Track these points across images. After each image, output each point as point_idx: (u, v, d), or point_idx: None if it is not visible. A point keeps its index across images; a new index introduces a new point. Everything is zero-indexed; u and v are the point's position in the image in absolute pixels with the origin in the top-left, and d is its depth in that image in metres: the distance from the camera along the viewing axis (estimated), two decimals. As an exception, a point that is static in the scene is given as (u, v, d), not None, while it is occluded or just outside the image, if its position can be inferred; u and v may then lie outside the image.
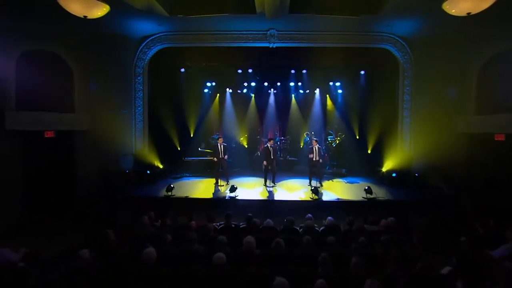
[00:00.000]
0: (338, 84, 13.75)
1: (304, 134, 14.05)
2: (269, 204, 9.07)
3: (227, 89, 14.69)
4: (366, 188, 9.13)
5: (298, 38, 10.71)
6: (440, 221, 6.56)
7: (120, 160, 10.77)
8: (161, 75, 11.91)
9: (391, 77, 11.41)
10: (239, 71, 12.94)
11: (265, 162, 10.12)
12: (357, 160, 12.20)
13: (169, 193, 9.47)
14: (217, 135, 14.16)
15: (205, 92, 14.40)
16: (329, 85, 13.86)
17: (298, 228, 6.44)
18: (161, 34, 10.85)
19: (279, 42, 10.77)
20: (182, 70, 12.63)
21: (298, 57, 11.58)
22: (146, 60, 11.20)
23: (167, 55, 11.45)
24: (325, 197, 9.33)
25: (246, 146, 14.67)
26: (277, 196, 9.58)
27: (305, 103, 14.66)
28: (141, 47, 11.00)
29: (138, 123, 11.31)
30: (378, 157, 11.63)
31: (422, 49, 10.63)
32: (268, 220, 6.56)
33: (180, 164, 12.44)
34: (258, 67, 12.62)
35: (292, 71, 13.13)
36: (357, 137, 12.96)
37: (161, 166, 11.79)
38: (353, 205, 8.86)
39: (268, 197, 9.50)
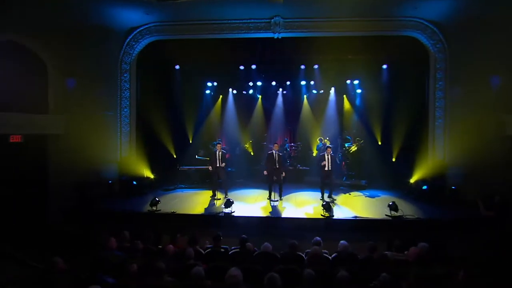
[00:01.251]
0: (356, 82, 12.93)
1: (317, 139, 13.04)
2: (271, 222, 8.12)
3: (230, 90, 14.14)
4: (390, 203, 8.01)
5: (307, 26, 9.78)
6: (493, 248, 5.36)
7: (102, 169, 10.06)
8: (153, 72, 11.29)
9: (420, 71, 10.48)
10: (241, 67, 12.10)
11: (265, 172, 9.33)
12: (379, 170, 11.29)
13: (154, 208, 8.61)
14: (219, 141, 13.62)
15: (206, 93, 13.96)
16: (346, 83, 13.05)
17: (303, 255, 5.41)
18: (150, 24, 10.17)
19: (285, 32, 9.88)
20: (177, 67, 11.98)
21: (308, 49, 10.62)
22: (134, 55, 10.56)
23: (159, 50, 10.82)
24: (339, 214, 8.29)
25: (252, 154, 13.92)
26: (282, 213, 8.63)
27: (319, 104, 13.92)
28: (127, 40, 10.35)
29: (125, 127, 10.69)
30: (404, 166, 10.75)
31: (459, 35, 9.50)
32: (266, 243, 5.55)
33: (174, 174, 11.75)
34: (262, 62, 11.66)
35: (302, 67, 12.16)
36: (380, 143, 12.13)
37: (151, 176, 11.25)
38: (374, 225, 7.78)
39: (271, 213, 8.54)
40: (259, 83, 13.70)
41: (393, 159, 11.43)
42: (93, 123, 10.01)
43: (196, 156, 12.41)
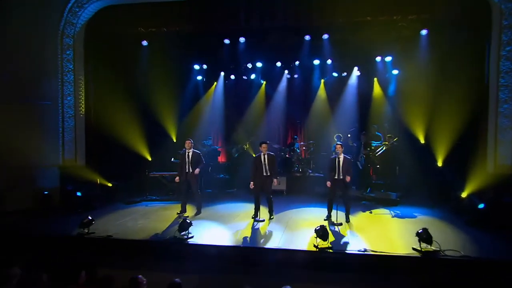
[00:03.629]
0: (388, 59, 11.57)
1: (334, 137, 11.50)
2: (242, 255, 6.57)
3: (222, 74, 13.48)
4: (420, 231, 6.02)
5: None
6: None
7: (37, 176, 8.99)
8: (109, 50, 10.18)
9: (476, 34, 8.83)
10: (226, 41, 10.75)
11: (251, 184, 8.19)
12: (418, 179, 10.09)
13: (85, 230, 7.31)
14: (210, 139, 12.96)
15: (193, 79, 13.24)
16: (375, 61, 11.81)
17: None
18: (97, -18, 8.96)
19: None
20: (144, 43, 10.95)
21: (313, 8, 8.86)
22: (79, 25, 9.46)
23: (116, 20, 9.71)
24: (344, 245, 6.53)
25: (254, 156, 12.76)
26: (262, 239, 7.09)
27: (338, 90, 12.90)
28: (69, 5, 9.17)
29: (68, 120, 9.62)
30: (455, 174, 9.26)
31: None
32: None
33: (144, 182, 10.97)
34: (251, 33, 10.36)
35: (306, 38, 10.50)
36: (423, 142, 10.77)
37: (109, 185, 10.41)
38: (392, 263, 5.89)
39: (243, 241, 6.92)
40: (259, 64, 12.51)
41: (439, 163, 9.94)
42: (25, 116, 9.00)
43: (172, 160, 11.31)
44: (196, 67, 12.80)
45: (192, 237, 6.96)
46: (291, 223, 7.94)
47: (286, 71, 12.83)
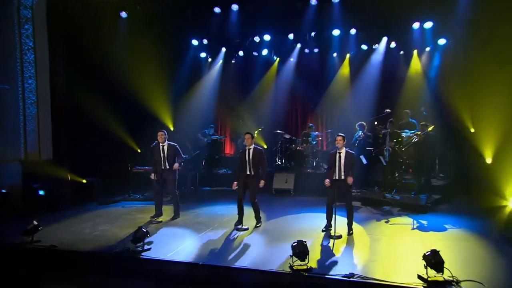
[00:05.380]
0: (428, 25, 10.89)
1: (356, 125, 10.92)
2: (196, 274, 6.08)
3: (223, 50, 13.33)
4: (428, 253, 5.06)
5: None
6: None
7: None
8: (81, 24, 9.84)
9: None
10: (216, 9, 10.37)
11: (235, 184, 7.88)
12: (460, 179, 9.87)
13: (29, 239, 7.05)
14: (212, 127, 12.95)
15: (199, 58, 13.41)
16: (412, 29, 11.18)
17: None
18: None
19: None
20: (123, 14, 10.72)
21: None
22: None
23: None
24: (329, 267, 5.77)
25: (265, 147, 13.06)
26: (230, 256, 6.44)
27: (362, 68, 12.50)
28: None
29: (30, 107, 9.39)
30: (508, 175, 8.55)
31: None
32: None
33: (127, 179, 10.91)
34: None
35: (313, 2, 9.96)
36: (472, 130, 10.44)
37: (83, 181, 10.31)
38: None
39: (208, 256, 6.40)
40: (267, 37, 12.02)
41: (488, 160, 9.57)
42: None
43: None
44: (195, 42, 12.51)
45: (148, 249, 6.57)
46: (278, 234, 7.29)
47: (299, 45, 12.34)
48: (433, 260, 4.98)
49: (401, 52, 12.15)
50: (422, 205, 8.77)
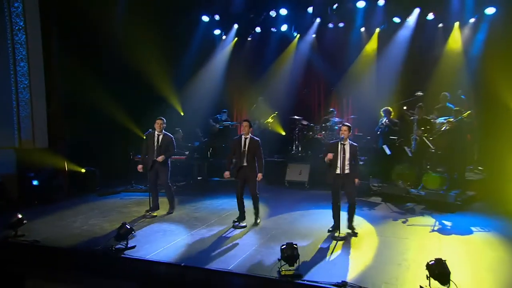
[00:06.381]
0: None
1: (381, 111, 10.46)
2: (178, 275, 6.09)
3: (235, 26, 13.14)
4: (431, 262, 4.72)
5: None
6: None
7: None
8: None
9: None
10: None
11: (226, 173, 7.93)
12: (501, 173, 9.21)
13: (12, 233, 7.19)
14: (225, 112, 12.93)
15: (210, 36, 13.39)
16: None
17: None
18: None
19: None
20: None
21: None
22: None
23: None
24: (320, 273, 5.58)
25: (283, 133, 12.94)
26: (217, 258, 6.37)
27: (391, 45, 11.92)
28: None
29: (23, 92, 9.48)
30: None
31: None
32: None
33: (129, 168, 10.77)
34: None
35: None
36: None
37: (82, 171, 10.45)
38: None
39: (194, 257, 6.33)
40: (283, 11, 11.76)
41: None
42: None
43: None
44: (205, 18, 12.37)
45: (132, 247, 6.56)
46: (276, 234, 7.13)
47: (318, 20, 11.88)
48: (437, 270, 4.69)
49: (440, 25, 11.33)
50: (449, 203, 8.38)
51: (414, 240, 6.85)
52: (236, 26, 12.73)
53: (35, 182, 9.46)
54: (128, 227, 6.68)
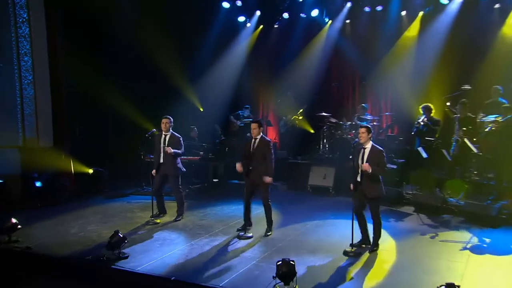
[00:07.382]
0: None
1: (419, 108, 10.03)
2: None
3: (257, 13, 13.04)
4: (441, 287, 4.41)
5: None
6: None
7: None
8: None
9: None
10: None
11: (238, 165, 7.98)
12: None
13: (6, 238, 7.35)
14: (247, 108, 12.83)
15: (238, 24, 13.40)
16: None
17: None
18: None
19: None
20: None
21: None
22: None
23: None
24: None
25: (311, 131, 12.78)
26: (211, 271, 6.32)
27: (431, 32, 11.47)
28: None
29: (27, 88, 9.72)
30: None
31: None
32: None
33: (140, 168, 10.93)
34: None
35: None
36: None
37: (89, 171, 10.58)
38: None
39: (187, 272, 6.29)
40: None
41: None
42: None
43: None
44: (226, 5, 12.31)
45: (125, 257, 6.65)
46: (282, 247, 7.01)
47: (349, 4, 11.51)
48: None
49: (496, 6, 10.64)
50: (492, 216, 7.92)
51: (439, 259, 6.48)
52: (258, 12, 12.53)
53: (38, 184, 9.62)
54: (121, 235, 6.71)
